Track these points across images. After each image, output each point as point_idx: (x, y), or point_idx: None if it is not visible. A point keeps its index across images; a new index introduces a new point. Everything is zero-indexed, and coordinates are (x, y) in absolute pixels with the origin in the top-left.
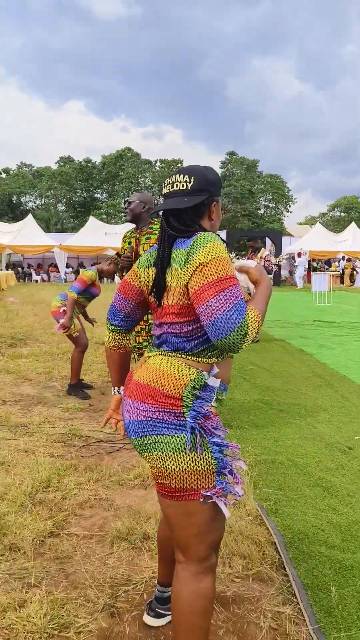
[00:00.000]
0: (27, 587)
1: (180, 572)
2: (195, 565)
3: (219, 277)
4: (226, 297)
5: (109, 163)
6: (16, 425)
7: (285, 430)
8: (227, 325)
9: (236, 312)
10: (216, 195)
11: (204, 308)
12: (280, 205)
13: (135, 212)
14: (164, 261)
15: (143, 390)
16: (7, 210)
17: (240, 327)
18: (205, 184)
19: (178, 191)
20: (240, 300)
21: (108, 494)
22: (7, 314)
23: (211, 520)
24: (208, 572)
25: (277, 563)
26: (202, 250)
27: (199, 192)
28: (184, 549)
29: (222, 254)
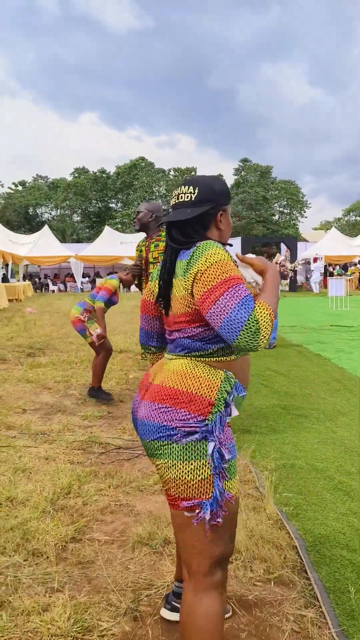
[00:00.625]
0: (50, 592)
1: (185, 588)
2: (198, 581)
3: (218, 281)
4: (228, 299)
5: (123, 173)
6: (36, 433)
7: (304, 435)
8: (234, 326)
9: (241, 311)
10: (223, 204)
11: (210, 315)
12: (294, 210)
13: (143, 221)
14: (166, 272)
15: (165, 392)
16: (23, 222)
17: (248, 324)
18: (210, 194)
19: (183, 202)
20: (244, 298)
21: (128, 499)
22: (26, 324)
23: (212, 532)
24: (210, 590)
25: (298, 567)
26: (200, 259)
27: (203, 203)
28: (186, 562)
29: (220, 258)
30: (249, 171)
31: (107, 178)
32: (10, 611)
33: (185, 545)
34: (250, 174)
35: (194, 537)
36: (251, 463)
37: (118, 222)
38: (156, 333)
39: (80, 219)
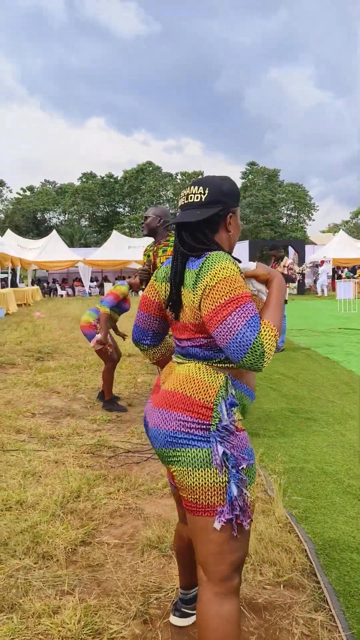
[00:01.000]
0: (60, 594)
1: (202, 592)
2: (217, 585)
3: (227, 299)
4: (235, 319)
5: (131, 177)
6: (46, 437)
7: (313, 439)
8: (241, 348)
9: (247, 332)
10: (232, 206)
11: (217, 333)
12: (302, 213)
13: (152, 226)
14: (177, 277)
15: (172, 398)
16: (31, 227)
17: (253, 347)
18: (220, 195)
19: (192, 203)
20: (251, 318)
21: (137, 503)
22: (34, 328)
23: (232, 538)
24: (231, 594)
25: (308, 570)
26: (209, 273)
27: (212, 204)
28: (205, 567)
29: (229, 274)
30: (256, 174)
31: (115, 182)
32: (21, 613)
33: (206, 552)
34: (257, 177)
35: (215, 543)
36: (260, 466)
37: (126, 227)
38: (152, 332)
39: (88, 224)
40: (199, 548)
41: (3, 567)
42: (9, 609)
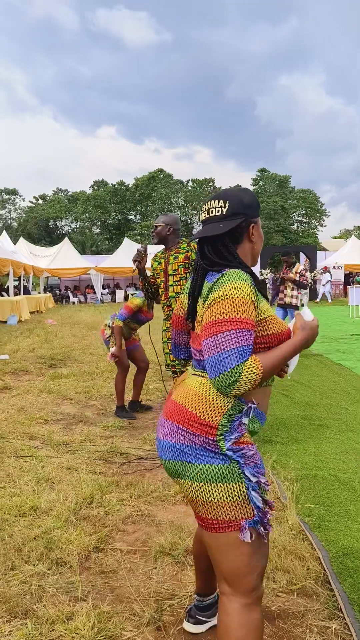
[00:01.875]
0: (74, 601)
1: (228, 604)
2: (245, 596)
3: (226, 317)
4: (226, 340)
5: (142, 185)
6: (59, 444)
7: (326, 446)
8: (218, 366)
9: (232, 357)
10: (254, 216)
11: (205, 343)
12: (313, 220)
13: (162, 234)
14: (195, 290)
15: (179, 412)
16: (44, 235)
17: (231, 372)
18: (241, 207)
19: (214, 217)
20: (242, 347)
21: (150, 509)
22: (47, 335)
23: (257, 549)
24: (256, 603)
25: (321, 578)
26: (221, 289)
27: (234, 216)
28: (231, 582)
29: (238, 294)
30: (267, 181)
31: (126, 190)
32: (35, 620)
33: (234, 566)
34: (268, 183)
35: (244, 556)
36: (272, 473)
37: (137, 234)
38: (184, 346)
39: (100, 231)
40: (225, 564)
41: (17, 573)
42: (23, 615)
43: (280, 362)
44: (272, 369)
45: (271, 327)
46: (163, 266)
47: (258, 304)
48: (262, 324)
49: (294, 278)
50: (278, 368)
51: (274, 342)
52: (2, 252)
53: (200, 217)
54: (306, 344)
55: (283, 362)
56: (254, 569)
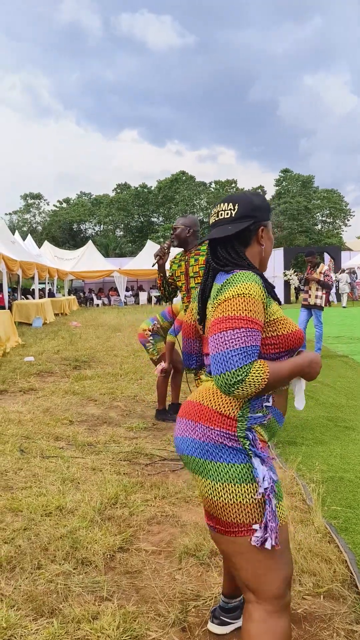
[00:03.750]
0: (99, 600)
1: (253, 612)
2: (270, 604)
3: (236, 314)
4: (234, 337)
5: (165, 187)
6: (83, 445)
7: (352, 448)
8: (224, 364)
9: (238, 356)
10: (263, 219)
11: (212, 339)
12: (338, 220)
13: (181, 236)
14: (205, 291)
15: (196, 409)
16: (68, 238)
17: (237, 371)
18: (250, 209)
19: (223, 219)
20: (250, 346)
21: (174, 510)
22: (71, 337)
23: (279, 554)
24: (284, 611)
25: (348, 581)
26: (231, 288)
27: (243, 219)
28: (254, 589)
29: (249, 292)
30: (290, 181)
31: (149, 193)
32: (61, 618)
33: (255, 573)
34: (291, 184)
35: (261, 562)
36: (297, 475)
37: (160, 236)
38: (195, 355)
39: (123, 234)
40: (245, 571)
41: (43, 572)
42: (49, 614)
43: (285, 374)
44: (277, 379)
45: (281, 328)
46: (184, 268)
47: (268, 306)
48: (272, 324)
49: (318, 278)
50: (281, 381)
51: (285, 343)
52: (27, 255)
53: (210, 220)
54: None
55: (288, 377)
56: (277, 576)
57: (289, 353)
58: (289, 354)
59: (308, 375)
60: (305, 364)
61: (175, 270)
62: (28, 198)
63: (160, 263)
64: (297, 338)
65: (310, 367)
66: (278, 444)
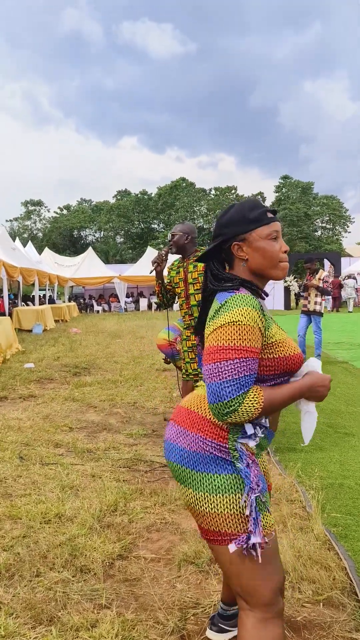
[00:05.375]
0: (98, 608)
1: (245, 619)
2: (262, 611)
3: (229, 345)
4: (229, 369)
5: (165, 194)
6: (83, 451)
7: (351, 454)
8: (218, 395)
9: (232, 387)
10: (236, 234)
11: (206, 369)
12: (337, 226)
13: (179, 243)
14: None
15: (188, 416)
16: (68, 245)
17: (230, 402)
18: (219, 228)
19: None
20: (243, 376)
21: (174, 517)
22: (71, 344)
23: (265, 563)
24: (276, 618)
25: (348, 588)
26: (227, 314)
27: (215, 239)
28: (244, 596)
29: (243, 320)
30: (290, 188)
31: (149, 199)
32: (60, 626)
33: (243, 581)
34: (291, 190)
35: (247, 570)
36: (297, 481)
37: (160, 243)
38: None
39: (123, 240)
40: (234, 578)
41: (42, 580)
42: (48, 622)
43: (282, 400)
44: (272, 406)
45: (279, 350)
46: (182, 275)
47: (267, 329)
48: (270, 347)
49: (317, 285)
50: (279, 407)
51: (282, 366)
52: (28, 262)
53: None
54: (312, 390)
55: (285, 402)
56: (265, 584)
57: (286, 375)
58: (287, 376)
59: (312, 398)
60: (305, 388)
61: (174, 276)
62: (29, 205)
63: (158, 270)
64: (295, 362)
65: (312, 390)
66: (277, 450)
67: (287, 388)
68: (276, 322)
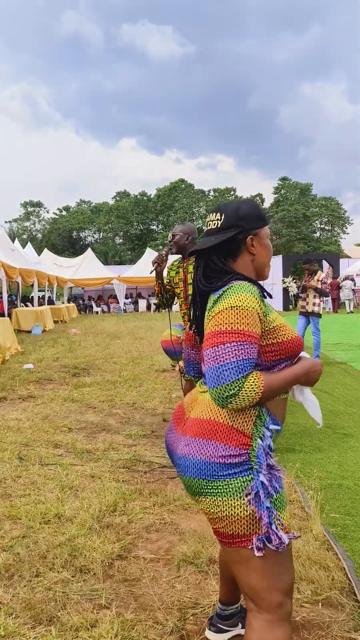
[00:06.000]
0: (97, 608)
1: (253, 621)
2: (270, 613)
3: (230, 328)
4: (228, 351)
5: (164, 195)
6: (82, 452)
7: (350, 455)
8: (217, 378)
9: (233, 370)
10: (252, 228)
11: (206, 353)
12: (336, 227)
13: (180, 243)
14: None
15: (206, 425)
16: (67, 246)
17: (230, 385)
18: (235, 219)
19: (211, 230)
20: (244, 360)
21: (173, 518)
22: (70, 345)
23: (276, 564)
24: (284, 621)
25: (347, 588)
26: (226, 300)
27: (228, 230)
28: (254, 598)
29: (242, 304)
30: (289, 189)
31: (148, 201)
32: (60, 626)
33: (253, 583)
34: (290, 192)
35: (259, 572)
36: (296, 482)
37: (159, 244)
38: (193, 362)
39: (122, 242)
40: (244, 580)
41: (42, 580)
42: (47, 622)
43: (280, 384)
44: (272, 390)
45: (281, 335)
46: (182, 275)
47: (266, 315)
48: (271, 332)
49: (315, 286)
50: (278, 391)
51: (284, 351)
52: (27, 263)
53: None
54: (307, 375)
55: (284, 386)
56: (275, 586)
57: (289, 360)
58: (289, 361)
59: (307, 382)
60: (302, 372)
61: (173, 277)
62: (28, 206)
63: (158, 270)
64: (296, 345)
65: (308, 374)
66: (276, 450)
67: (285, 373)
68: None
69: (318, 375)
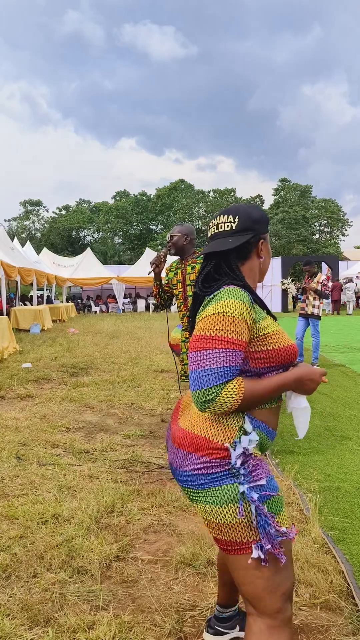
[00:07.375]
0: (95, 610)
1: (253, 625)
2: (270, 619)
3: (215, 334)
4: (212, 357)
5: (163, 195)
6: (80, 452)
7: (349, 457)
8: (199, 382)
9: (214, 376)
10: (262, 232)
11: (190, 356)
12: (335, 229)
13: (178, 244)
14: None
15: (191, 440)
16: (66, 245)
17: (209, 390)
18: (250, 222)
19: (223, 232)
20: (226, 367)
21: (171, 519)
22: (69, 344)
23: (276, 570)
24: (285, 625)
25: (345, 592)
26: (214, 305)
27: (244, 232)
28: (255, 603)
29: (229, 311)
30: (289, 191)
31: (148, 201)
32: (57, 628)
33: (254, 588)
34: (289, 193)
35: (258, 578)
36: (294, 484)
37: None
38: None
39: (122, 241)
40: (245, 586)
41: (39, 581)
42: (44, 623)
43: (265, 392)
44: (254, 397)
45: (272, 342)
46: (180, 277)
47: (257, 322)
48: (263, 339)
49: (315, 288)
50: (262, 398)
51: (275, 358)
52: (26, 262)
53: (209, 233)
54: (299, 382)
55: (270, 394)
56: (275, 591)
57: (282, 368)
58: (282, 369)
59: (300, 391)
60: (291, 380)
61: (172, 278)
62: (27, 205)
63: (156, 271)
64: (289, 353)
65: (299, 383)
66: (275, 453)
67: (272, 379)
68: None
69: (315, 385)
